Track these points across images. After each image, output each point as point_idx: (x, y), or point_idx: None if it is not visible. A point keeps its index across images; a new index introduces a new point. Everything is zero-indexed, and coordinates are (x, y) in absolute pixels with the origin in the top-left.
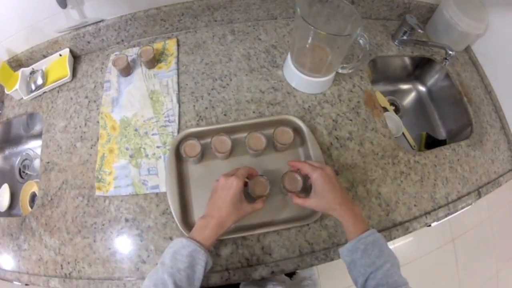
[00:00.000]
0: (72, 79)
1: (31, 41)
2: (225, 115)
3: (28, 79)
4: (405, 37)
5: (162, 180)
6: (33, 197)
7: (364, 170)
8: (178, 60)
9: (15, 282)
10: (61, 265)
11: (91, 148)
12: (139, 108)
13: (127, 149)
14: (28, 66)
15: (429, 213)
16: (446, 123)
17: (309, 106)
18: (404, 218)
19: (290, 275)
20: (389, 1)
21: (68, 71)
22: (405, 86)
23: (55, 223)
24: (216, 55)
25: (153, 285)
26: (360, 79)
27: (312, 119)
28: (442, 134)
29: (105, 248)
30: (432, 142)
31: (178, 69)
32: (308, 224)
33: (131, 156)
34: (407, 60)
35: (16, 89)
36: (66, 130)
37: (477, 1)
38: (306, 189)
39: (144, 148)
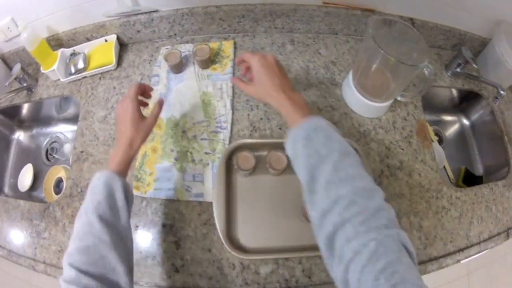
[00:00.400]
0: (116, 68)
1: (75, 21)
2: (280, 128)
3: (67, 60)
4: (458, 70)
5: (207, 188)
6: (58, 182)
7: (410, 202)
8: (234, 64)
9: (28, 269)
10: None
11: None
12: (189, 109)
13: (172, 150)
14: (69, 47)
15: (462, 250)
16: (484, 159)
17: (365, 130)
18: (440, 253)
19: None
20: (447, 31)
21: (113, 59)
22: (449, 118)
23: None
24: None
25: (80, 229)
26: (414, 108)
27: (366, 144)
28: (479, 169)
29: (136, 251)
30: (469, 177)
31: (234, 73)
32: None
33: (176, 159)
34: (455, 92)
35: (53, 69)
36: (106, 121)
37: None
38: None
39: (191, 153)
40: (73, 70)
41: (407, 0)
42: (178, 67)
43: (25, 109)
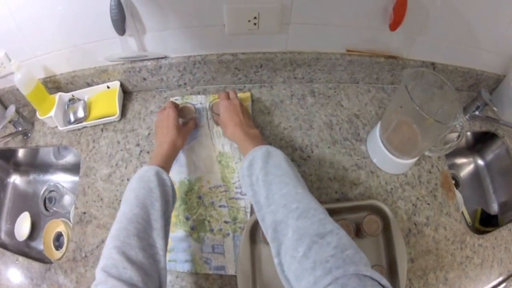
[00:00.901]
0: (120, 119)
1: (75, 63)
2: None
3: (66, 107)
4: (477, 112)
5: (229, 261)
6: (58, 236)
7: (436, 256)
8: (252, 119)
9: None
10: None
11: None
12: (205, 171)
13: (187, 218)
14: (67, 91)
15: None
16: (499, 197)
17: (392, 188)
18: None
19: None
20: (465, 72)
21: (117, 109)
22: (464, 160)
23: (88, 284)
24: (296, 120)
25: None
26: (438, 159)
27: (393, 203)
28: (494, 208)
29: None
30: (485, 218)
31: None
32: None
33: (192, 228)
34: (469, 134)
35: (51, 115)
36: (110, 180)
37: None
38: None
39: (209, 221)
40: (72, 119)
41: (429, 45)
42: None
43: (21, 153)
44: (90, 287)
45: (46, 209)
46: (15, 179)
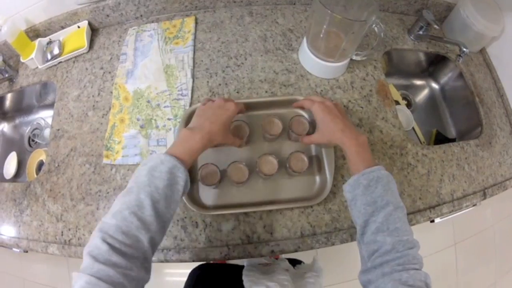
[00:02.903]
0: (88, 51)
1: (50, 11)
2: (237, 92)
3: (44, 48)
4: (421, 32)
5: None
6: (40, 165)
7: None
8: (195, 37)
9: (14, 249)
10: (62, 232)
11: (103, 117)
12: (153, 80)
13: (138, 119)
14: (45, 36)
15: (433, 207)
16: (456, 122)
17: (321, 90)
18: (409, 210)
19: (294, 263)
20: None
21: (85, 42)
22: (418, 82)
23: (60, 189)
24: (233, 35)
25: (126, 208)
26: (374, 69)
27: None
28: (452, 133)
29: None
30: (441, 140)
31: (194, 45)
32: (312, 206)
33: (141, 127)
34: (421, 56)
35: (32, 58)
36: (79, 99)
37: (494, 4)
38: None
39: (155, 120)
40: (49, 57)
41: None
42: None
43: (8, 100)
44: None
45: (30, 146)
46: (3, 127)
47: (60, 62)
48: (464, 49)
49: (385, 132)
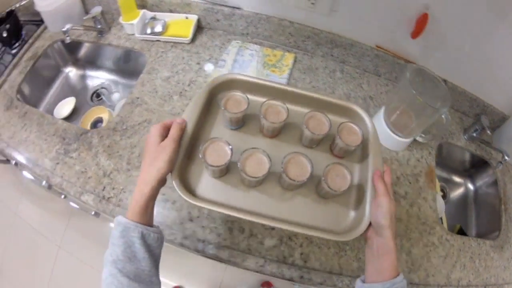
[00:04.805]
0: (189, 43)
1: None
2: None
3: (146, 21)
4: (474, 134)
5: None
6: (96, 122)
7: (406, 227)
8: (291, 73)
9: (43, 182)
10: (104, 187)
11: (186, 105)
12: None
13: None
14: (151, 11)
15: (441, 286)
16: (479, 223)
17: (383, 158)
18: (421, 281)
19: None
20: (473, 99)
21: (190, 34)
22: (457, 179)
23: (119, 150)
24: (323, 83)
25: (106, 282)
26: (428, 154)
27: None
28: (472, 233)
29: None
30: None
31: (288, 79)
32: (345, 251)
33: None
34: (467, 156)
35: (133, 23)
36: (168, 81)
37: None
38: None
39: None
40: (148, 31)
41: (446, 62)
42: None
43: (86, 48)
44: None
45: (92, 101)
46: (70, 71)
47: (158, 40)
48: (506, 157)
49: (422, 210)
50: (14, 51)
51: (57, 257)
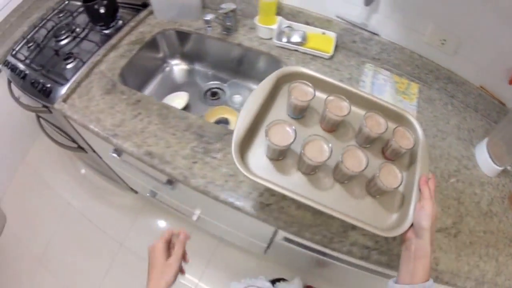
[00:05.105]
0: (328, 58)
1: (305, 3)
2: None
3: (281, 28)
4: None
5: None
6: (218, 122)
7: (496, 239)
8: (418, 102)
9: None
10: (262, 193)
11: None
12: None
13: None
14: (286, 19)
15: None
16: None
17: (482, 181)
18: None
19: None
20: None
21: (331, 50)
22: None
23: None
24: (441, 114)
25: None
26: (509, 182)
27: (472, 194)
28: None
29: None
30: None
31: (418, 107)
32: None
33: None
34: None
35: (272, 28)
36: None
37: None
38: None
39: None
40: (284, 40)
41: None
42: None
43: (198, 43)
44: None
45: (204, 99)
46: (176, 64)
47: (297, 50)
48: None
49: (503, 226)
50: (107, 31)
51: (117, 253)
